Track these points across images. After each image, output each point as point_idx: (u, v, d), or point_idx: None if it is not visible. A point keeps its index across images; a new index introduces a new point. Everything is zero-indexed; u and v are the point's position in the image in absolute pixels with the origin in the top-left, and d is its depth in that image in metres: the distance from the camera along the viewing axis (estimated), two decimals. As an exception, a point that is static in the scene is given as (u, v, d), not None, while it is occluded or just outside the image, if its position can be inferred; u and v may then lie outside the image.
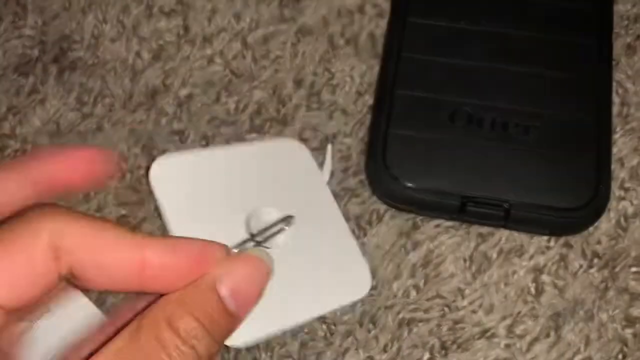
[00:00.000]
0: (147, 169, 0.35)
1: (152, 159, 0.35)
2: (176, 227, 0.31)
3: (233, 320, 0.22)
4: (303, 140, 0.35)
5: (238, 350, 0.32)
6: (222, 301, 0.21)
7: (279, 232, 0.27)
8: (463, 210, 0.32)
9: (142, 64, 0.37)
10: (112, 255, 0.21)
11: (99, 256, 0.21)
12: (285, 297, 0.30)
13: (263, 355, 0.32)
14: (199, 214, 0.32)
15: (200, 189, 0.32)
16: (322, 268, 0.32)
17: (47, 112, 0.36)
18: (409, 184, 0.33)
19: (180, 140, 0.36)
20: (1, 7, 0.38)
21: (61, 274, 0.21)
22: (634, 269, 0.33)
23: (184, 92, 0.36)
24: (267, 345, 0.32)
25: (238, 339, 0.28)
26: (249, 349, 0.32)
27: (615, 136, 0.35)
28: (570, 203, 0.32)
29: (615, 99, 0.35)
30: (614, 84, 0.35)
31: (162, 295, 0.21)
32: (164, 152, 0.35)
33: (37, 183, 0.22)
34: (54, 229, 0.20)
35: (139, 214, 0.34)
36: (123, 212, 0.34)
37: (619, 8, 0.37)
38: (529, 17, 0.36)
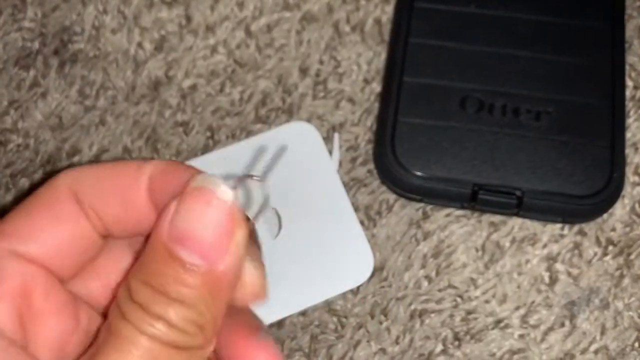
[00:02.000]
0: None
1: (157, 151, 0.35)
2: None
3: (207, 275, 0.17)
4: (310, 130, 0.34)
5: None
6: (177, 257, 0.17)
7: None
8: (474, 198, 0.32)
9: (144, 55, 0.36)
10: (117, 179, 0.19)
11: (106, 183, 0.19)
12: (287, 283, 0.31)
13: (273, 349, 0.32)
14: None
15: None
16: (323, 253, 0.32)
17: (49, 106, 0.36)
18: (419, 173, 0.32)
19: (185, 132, 0.35)
20: (0, 0, 0.38)
21: (95, 226, 0.20)
22: (649, 256, 0.32)
23: (187, 83, 0.36)
24: (278, 338, 0.32)
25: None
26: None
27: (629, 120, 0.34)
28: (583, 190, 0.32)
29: (629, 83, 0.35)
30: (627, 67, 0.35)
31: None
32: (167, 144, 0.35)
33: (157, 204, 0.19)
34: (70, 180, 0.20)
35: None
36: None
37: (631, -11, 0.36)
38: (539, 0, 0.35)
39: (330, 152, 0.34)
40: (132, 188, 0.19)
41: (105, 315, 0.21)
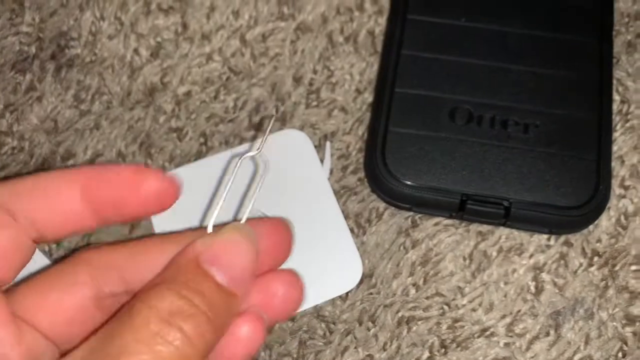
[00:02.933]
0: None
1: (150, 156, 0.35)
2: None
3: (229, 298, 0.20)
4: (302, 138, 0.35)
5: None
6: (210, 275, 0.20)
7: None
8: (462, 208, 0.32)
9: (140, 61, 0.37)
10: (50, 187, 0.21)
11: (38, 191, 0.21)
12: None
13: (262, 354, 0.32)
14: (193, 219, 0.32)
15: (197, 197, 0.33)
16: (313, 260, 0.32)
17: (45, 110, 0.36)
18: (408, 182, 0.33)
19: (179, 138, 0.35)
20: (-2, 4, 0.38)
21: (28, 232, 0.21)
22: (634, 267, 0.32)
23: (182, 90, 0.36)
24: (266, 344, 0.32)
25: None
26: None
27: (615, 134, 0.35)
28: (570, 201, 0.32)
29: (616, 97, 0.35)
30: (614, 81, 0.35)
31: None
32: (161, 149, 0.35)
33: (93, 202, 0.22)
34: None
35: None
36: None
37: (620, 5, 0.37)
38: (529, 15, 0.35)
39: (322, 160, 0.34)
40: (64, 193, 0.22)
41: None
